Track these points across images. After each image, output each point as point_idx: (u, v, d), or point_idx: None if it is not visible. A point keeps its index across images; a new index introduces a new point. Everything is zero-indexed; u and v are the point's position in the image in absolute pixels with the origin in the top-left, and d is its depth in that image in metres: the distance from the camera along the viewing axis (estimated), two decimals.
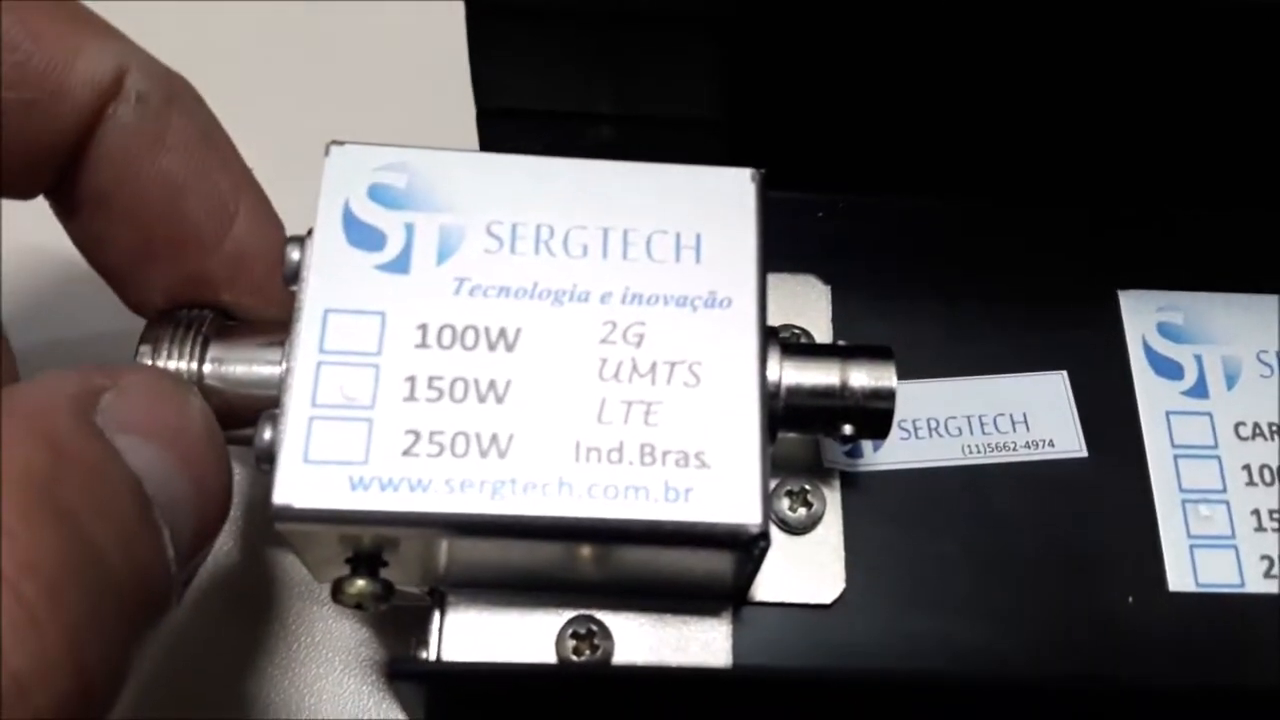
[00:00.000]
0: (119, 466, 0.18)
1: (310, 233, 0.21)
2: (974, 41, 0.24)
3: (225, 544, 0.28)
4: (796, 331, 0.25)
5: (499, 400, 0.20)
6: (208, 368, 0.22)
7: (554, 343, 0.20)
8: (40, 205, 0.23)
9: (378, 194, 0.21)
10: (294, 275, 0.21)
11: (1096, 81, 0.25)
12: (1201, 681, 0.22)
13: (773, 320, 0.22)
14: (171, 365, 0.22)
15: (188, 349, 0.22)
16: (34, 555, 0.15)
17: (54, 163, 0.21)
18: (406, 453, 0.19)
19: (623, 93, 0.25)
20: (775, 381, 0.21)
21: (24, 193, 0.22)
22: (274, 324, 0.22)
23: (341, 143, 0.22)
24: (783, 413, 0.21)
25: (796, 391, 0.21)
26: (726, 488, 0.20)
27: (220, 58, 0.26)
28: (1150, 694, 0.20)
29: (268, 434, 0.20)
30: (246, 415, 0.21)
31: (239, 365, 0.22)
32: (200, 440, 0.19)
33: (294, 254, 0.21)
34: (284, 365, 0.20)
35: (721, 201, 0.22)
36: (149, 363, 0.22)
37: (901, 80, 0.25)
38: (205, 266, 0.22)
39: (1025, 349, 0.25)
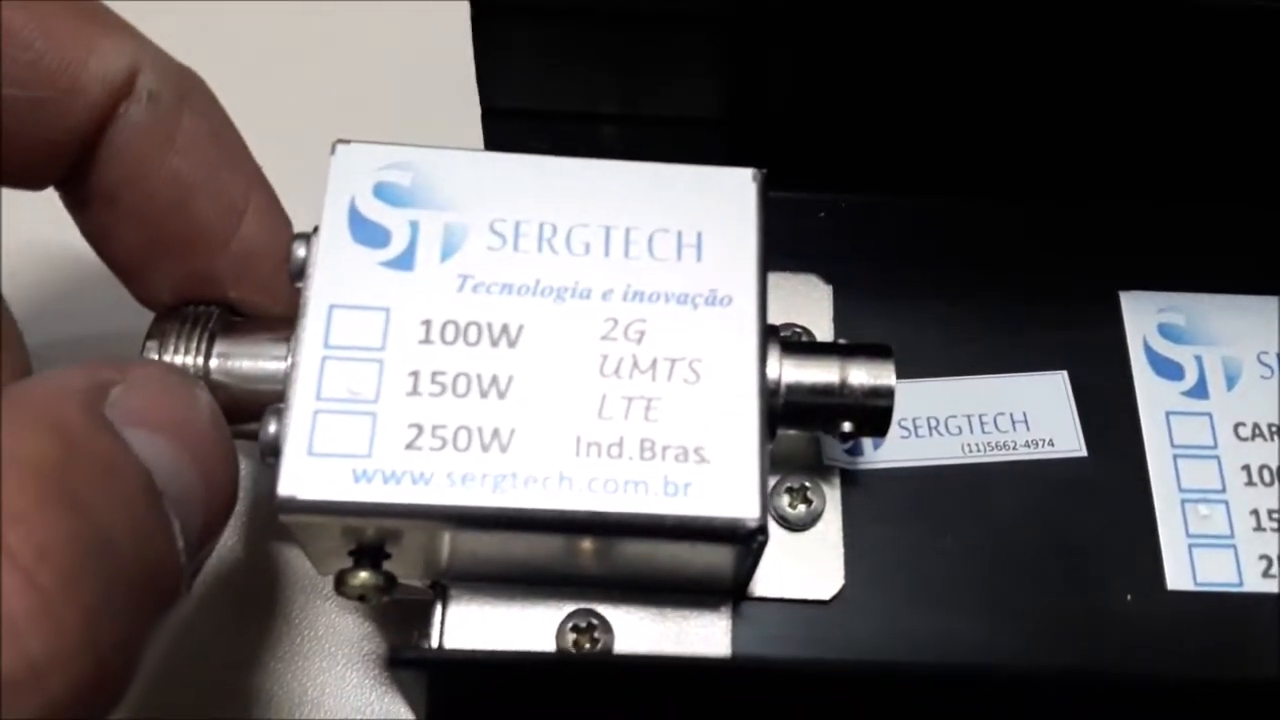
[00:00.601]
0: (129, 458, 0.18)
1: (316, 230, 0.21)
2: (975, 41, 0.24)
3: (229, 540, 0.28)
4: (798, 330, 0.25)
5: (501, 395, 0.20)
6: (214, 363, 0.22)
7: (556, 339, 0.21)
8: (48, 202, 0.23)
9: (383, 192, 0.21)
10: (300, 272, 0.21)
11: (1097, 80, 0.25)
12: (1199, 674, 0.22)
13: (774, 319, 0.22)
14: (178, 360, 0.22)
15: (194, 345, 0.22)
16: (48, 542, 0.16)
17: (64, 158, 0.21)
18: (409, 446, 0.20)
19: (626, 92, 0.26)
20: (775, 378, 0.21)
21: (34, 184, 0.22)
22: (280, 321, 0.22)
23: (347, 141, 0.22)
24: (782, 409, 0.21)
25: (796, 389, 0.22)
26: (726, 482, 0.20)
27: (228, 56, 0.26)
28: (1146, 686, 0.20)
29: (273, 427, 0.20)
30: (252, 410, 0.21)
31: (245, 361, 0.22)
32: (208, 434, 0.20)
33: (300, 251, 0.21)
34: (289, 360, 0.20)
35: (723, 200, 0.22)
36: (156, 358, 0.22)
37: (902, 80, 0.25)
38: (213, 264, 0.22)
39: (1026, 349, 0.26)
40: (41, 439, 0.17)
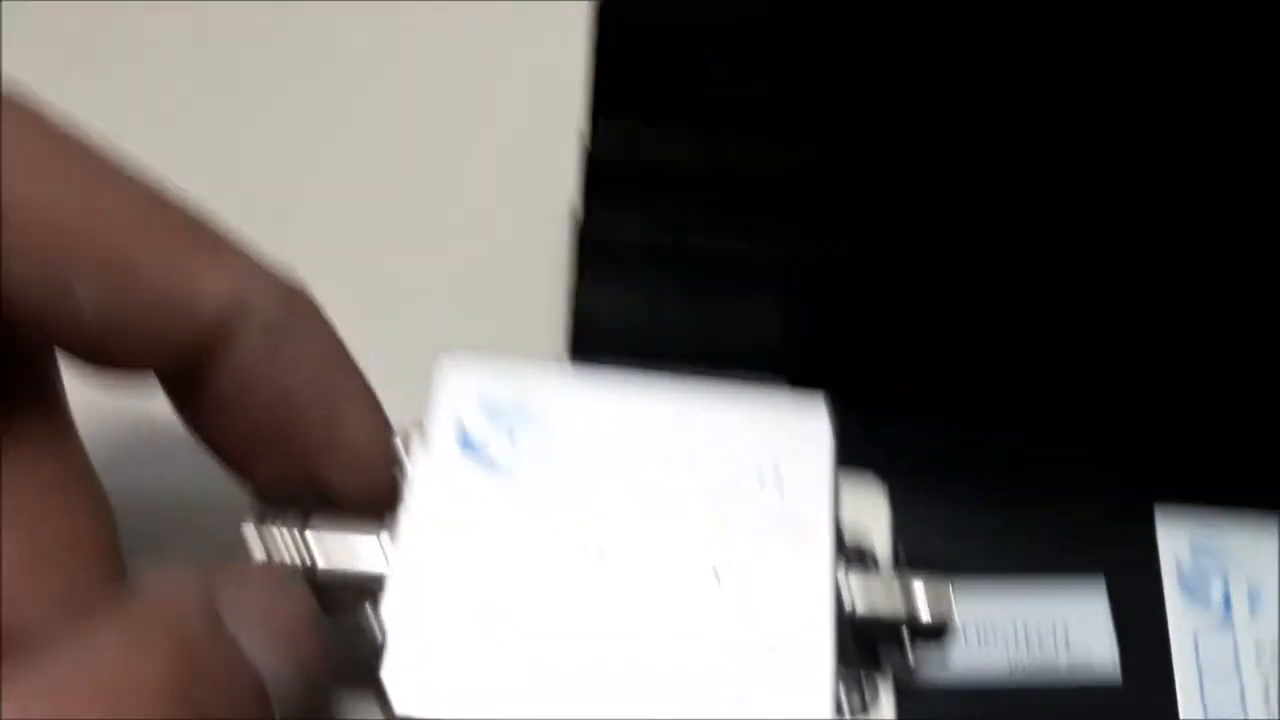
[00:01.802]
0: (246, 668, 0.19)
1: (418, 432, 0.23)
2: (1014, 297, 0.26)
3: None
4: (861, 551, 0.26)
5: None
6: (313, 560, 0.23)
7: (641, 560, 0.22)
8: None
9: (486, 407, 0.23)
10: (400, 476, 0.22)
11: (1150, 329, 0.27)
12: None
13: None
14: (281, 558, 0.23)
15: (294, 542, 0.23)
16: None
17: (173, 369, 0.22)
18: (505, 660, 0.21)
19: (696, 324, 0.27)
20: (847, 610, 0.23)
21: (135, 384, 0.23)
22: (378, 517, 0.23)
23: (453, 354, 0.23)
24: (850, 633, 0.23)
25: (862, 617, 0.23)
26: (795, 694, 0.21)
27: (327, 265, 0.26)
28: None
29: (374, 634, 0.21)
30: (345, 605, 0.22)
31: (343, 557, 0.23)
32: (310, 634, 0.21)
33: (402, 454, 0.23)
34: (388, 569, 0.22)
35: (797, 430, 0.23)
36: (259, 556, 0.23)
37: (954, 326, 0.27)
38: (313, 465, 0.23)
39: (1064, 556, 0.27)
40: (167, 651, 0.18)
